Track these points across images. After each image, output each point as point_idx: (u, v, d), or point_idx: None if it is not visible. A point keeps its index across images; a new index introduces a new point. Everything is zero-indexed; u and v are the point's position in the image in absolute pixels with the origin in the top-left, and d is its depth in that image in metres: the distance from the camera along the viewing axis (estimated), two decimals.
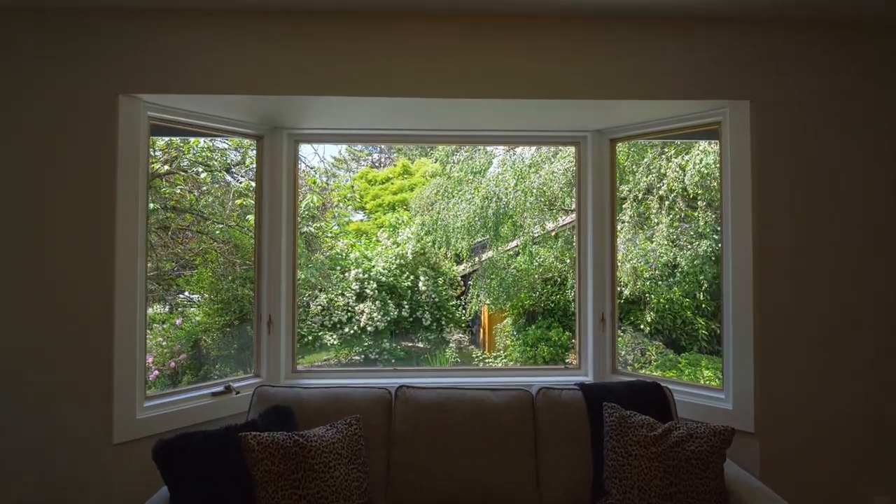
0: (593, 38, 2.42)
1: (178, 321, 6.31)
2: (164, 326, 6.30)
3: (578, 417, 2.22)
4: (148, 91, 2.34)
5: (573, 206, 6.39)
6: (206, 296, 6.38)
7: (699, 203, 4.98)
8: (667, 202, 5.13)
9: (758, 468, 2.29)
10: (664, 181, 5.13)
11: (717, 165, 4.71)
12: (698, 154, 4.79)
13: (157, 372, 5.88)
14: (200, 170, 5.71)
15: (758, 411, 2.31)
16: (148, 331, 6.26)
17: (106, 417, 2.24)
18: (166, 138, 5.33)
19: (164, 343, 6.08)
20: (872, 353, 2.34)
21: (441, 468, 2.15)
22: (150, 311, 6.69)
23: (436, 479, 2.14)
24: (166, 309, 6.50)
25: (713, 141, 4.78)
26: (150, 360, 5.94)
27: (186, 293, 6.53)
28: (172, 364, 5.97)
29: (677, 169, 4.95)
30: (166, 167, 5.45)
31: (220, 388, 2.58)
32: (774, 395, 2.32)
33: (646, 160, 5.28)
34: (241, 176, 6.05)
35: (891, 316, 2.35)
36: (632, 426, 2.07)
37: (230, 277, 6.25)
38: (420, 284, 7.24)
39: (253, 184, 2.68)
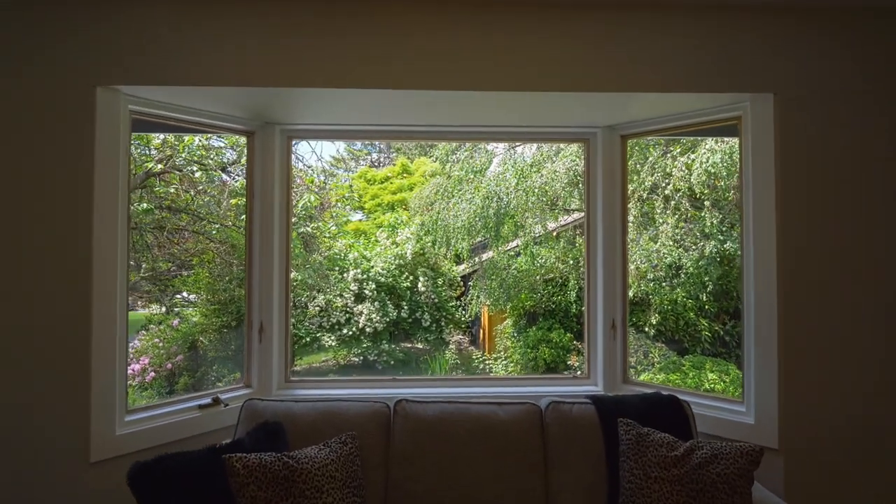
0: (605, 28, 2.22)
1: (174, 322, 6.14)
2: (161, 327, 6.14)
3: (591, 434, 2.03)
4: (128, 82, 2.13)
5: (575, 206, 6.21)
6: (204, 296, 6.22)
7: (705, 203, 4.80)
8: (672, 202, 4.94)
9: (782, 488, 2.10)
10: (670, 180, 4.94)
11: (724, 164, 4.57)
12: (705, 153, 4.60)
13: (153, 373, 5.72)
14: (195, 168, 5.51)
15: (782, 426, 2.12)
16: (144, 332, 6.12)
17: (83, 434, 2.03)
18: (152, 134, 5.13)
19: (161, 344, 5.93)
20: None
21: (443, 490, 1.96)
22: (146, 311, 6.54)
23: (437, 501, 1.95)
24: (162, 310, 6.34)
25: (720, 139, 4.60)
26: (146, 361, 5.78)
27: (184, 294, 6.37)
28: (169, 366, 5.81)
29: (683, 168, 4.76)
30: (160, 166, 5.26)
31: (208, 400, 2.39)
32: (801, 408, 2.12)
33: (651, 159, 5.09)
34: (238, 175, 5.86)
35: None
36: (650, 445, 1.88)
37: (227, 278, 6.07)
38: (419, 285, 7.06)
39: None
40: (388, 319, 6.78)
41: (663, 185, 5.03)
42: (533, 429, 2.06)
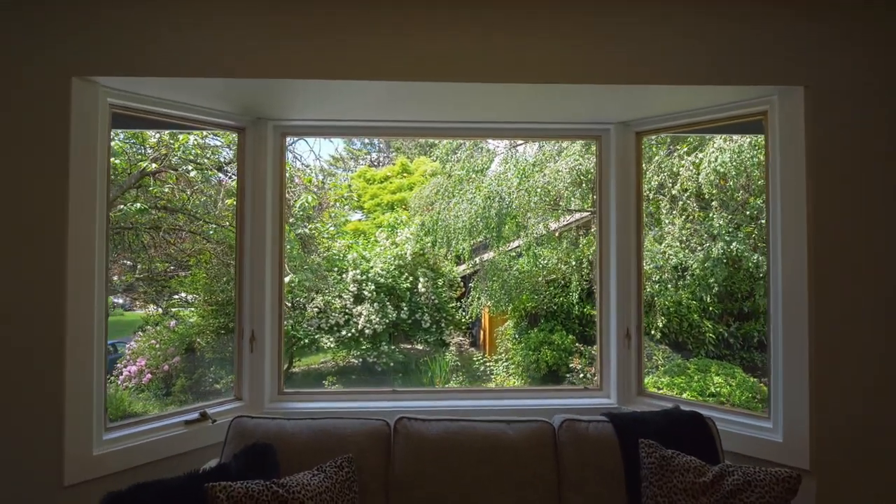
0: (620, 15, 2.02)
1: (171, 323, 5.98)
2: (158, 329, 5.98)
3: (610, 456, 1.83)
4: (107, 73, 1.93)
5: (578, 206, 6.02)
6: (201, 297, 6.06)
7: (713, 203, 4.60)
8: (680, 202, 4.74)
9: None
10: (676, 180, 4.74)
11: (733, 164, 4.38)
12: (713, 152, 4.40)
13: (149, 375, 5.56)
14: (190, 168, 5.31)
15: (814, 444, 1.92)
16: (141, 333, 5.95)
17: (55, 454, 1.83)
18: (147, 133, 4.94)
19: (158, 346, 5.77)
20: None
21: None
22: (143, 312, 6.38)
23: None
24: (159, 311, 6.18)
25: (729, 137, 4.41)
26: (143, 363, 5.62)
27: (182, 294, 6.20)
28: (166, 367, 5.66)
29: (691, 167, 4.56)
30: (154, 165, 5.06)
31: (195, 416, 2.19)
32: (835, 424, 1.92)
33: (656, 158, 4.89)
34: (235, 174, 5.67)
35: None
36: (675, 470, 1.69)
37: (225, 279, 5.90)
38: (419, 286, 6.85)
39: None
40: (387, 321, 6.58)
41: (669, 184, 4.84)
42: (545, 449, 1.87)
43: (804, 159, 1.96)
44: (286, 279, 6.08)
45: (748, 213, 4.86)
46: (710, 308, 5.57)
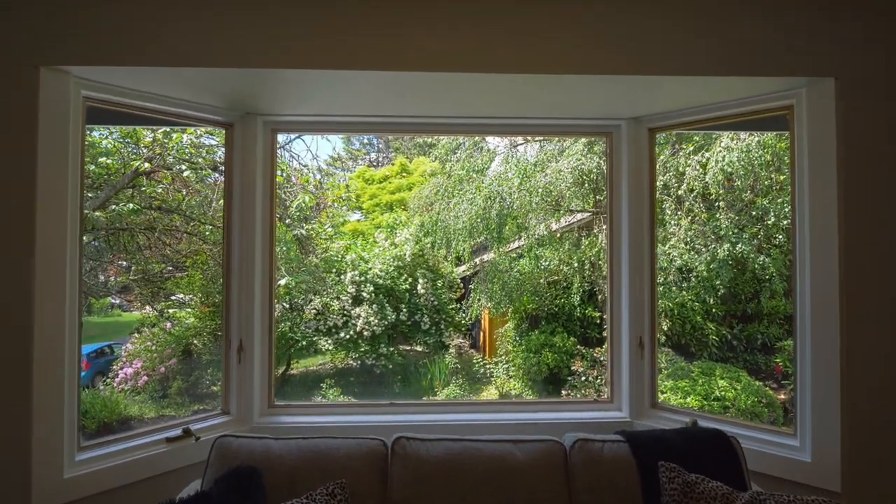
0: (632, 1, 1.84)
1: (167, 325, 5.81)
2: (154, 330, 5.82)
3: (626, 481, 1.65)
4: (79, 62, 1.74)
5: (579, 207, 5.85)
6: (198, 298, 5.90)
7: (719, 204, 4.42)
8: (686, 203, 4.56)
9: None
10: (682, 180, 4.56)
11: (741, 163, 4.21)
12: (720, 151, 4.22)
13: (145, 377, 5.42)
14: (184, 167, 5.12)
15: (846, 465, 1.75)
16: (137, 334, 5.79)
17: (21, 479, 1.65)
18: (142, 132, 4.77)
19: (154, 348, 5.61)
20: None
21: None
22: (139, 313, 6.23)
23: None
24: (155, 312, 6.02)
25: (736, 136, 4.23)
26: (139, 365, 5.48)
27: (179, 295, 6.04)
28: (162, 369, 5.50)
29: (697, 167, 4.38)
30: (147, 164, 4.88)
31: (178, 432, 2.01)
32: (868, 444, 1.75)
33: (661, 157, 4.71)
34: None
35: None
36: (701, 498, 1.51)
37: (221, 280, 5.73)
38: (419, 287, 6.67)
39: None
40: (386, 322, 6.40)
41: (674, 184, 4.66)
42: (557, 473, 1.68)
43: (835, 156, 1.79)
44: (282, 282, 5.90)
45: (753, 213, 4.70)
46: (714, 310, 5.42)
